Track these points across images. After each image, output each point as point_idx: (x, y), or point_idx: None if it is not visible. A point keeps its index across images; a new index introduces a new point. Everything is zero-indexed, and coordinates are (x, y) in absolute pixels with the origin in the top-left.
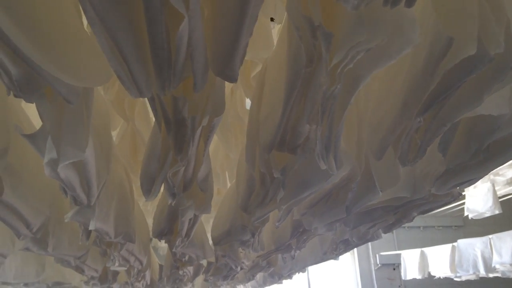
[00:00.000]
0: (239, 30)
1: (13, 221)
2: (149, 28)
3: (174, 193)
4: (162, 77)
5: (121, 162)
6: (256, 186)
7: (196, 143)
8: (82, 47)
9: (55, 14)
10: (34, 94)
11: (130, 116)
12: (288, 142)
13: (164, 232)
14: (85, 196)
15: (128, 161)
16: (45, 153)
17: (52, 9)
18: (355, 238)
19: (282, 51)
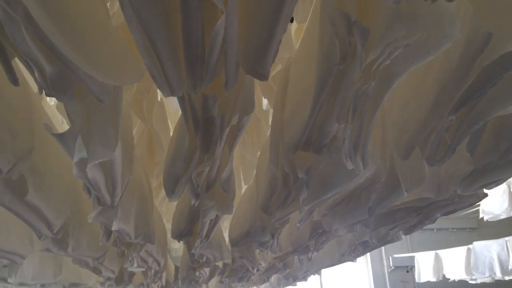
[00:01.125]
0: (274, 27)
1: (35, 222)
2: (185, 24)
3: (198, 194)
4: (194, 75)
5: (140, 162)
6: (278, 186)
7: (223, 142)
8: (114, 47)
9: (88, 14)
10: (66, 93)
11: (147, 117)
12: (314, 141)
13: (183, 233)
14: (109, 197)
15: (145, 162)
16: (73, 152)
17: (86, 9)
18: (374, 240)
19: (307, 50)
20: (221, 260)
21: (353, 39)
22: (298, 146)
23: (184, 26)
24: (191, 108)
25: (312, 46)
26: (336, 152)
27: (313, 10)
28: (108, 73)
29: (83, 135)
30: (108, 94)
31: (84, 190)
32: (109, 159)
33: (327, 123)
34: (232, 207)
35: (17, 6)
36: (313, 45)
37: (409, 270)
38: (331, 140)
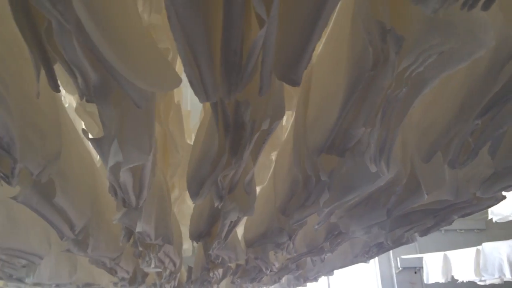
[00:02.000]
0: (311, 35)
1: (59, 223)
2: (226, 33)
3: (222, 196)
4: (230, 82)
5: (158, 165)
6: (298, 189)
7: (251, 146)
8: (152, 56)
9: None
10: (106, 99)
11: (164, 119)
12: (338, 145)
13: (202, 234)
14: (135, 198)
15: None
16: (108, 157)
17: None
18: (389, 241)
19: (331, 55)
20: (236, 261)
21: (386, 47)
22: (322, 150)
23: (225, 35)
24: (223, 113)
25: (336, 51)
26: (360, 156)
27: (337, 16)
28: (148, 80)
29: (119, 140)
30: (146, 100)
31: (110, 192)
32: (143, 162)
33: (353, 127)
34: (254, 209)
35: (70, 17)
36: (337, 50)
37: (417, 271)
38: (355, 144)
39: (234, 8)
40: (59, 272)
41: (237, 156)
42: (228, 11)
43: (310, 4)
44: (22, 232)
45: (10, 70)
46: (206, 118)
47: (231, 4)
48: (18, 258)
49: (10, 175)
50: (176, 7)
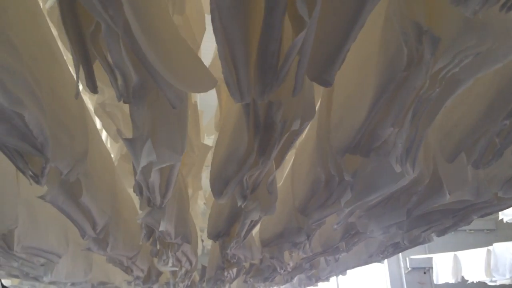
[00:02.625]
0: (347, 36)
1: (82, 222)
2: (265, 35)
3: (246, 195)
4: (265, 83)
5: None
6: (320, 188)
7: (279, 146)
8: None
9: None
10: (142, 100)
11: None
12: (364, 145)
13: (221, 233)
14: (160, 198)
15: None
16: (140, 156)
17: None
18: (406, 241)
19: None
20: (252, 260)
21: (421, 47)
22: (348, 150)
23: (264, 37)
24: (254, 113)
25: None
26: (385, 156)
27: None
28: (187, 81)
29: (153, 140)
30: (181, 100)
31: (135, 191)
32: (175, 162)
33: (381, 127)
34: (275, 208)
35: (119, 21)
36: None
37: (426, 271)
38: (380, 144)
39: (276, 11)
40: (75, 271)
41: (264, 156)
42: (269, 14)
43: (349, 5)
44: (42, 231)
45: (42, 71)
46: (229, 119)
47: (273, 7)
48: (37, 257)
49: (40, 174)
50: (220, 10)
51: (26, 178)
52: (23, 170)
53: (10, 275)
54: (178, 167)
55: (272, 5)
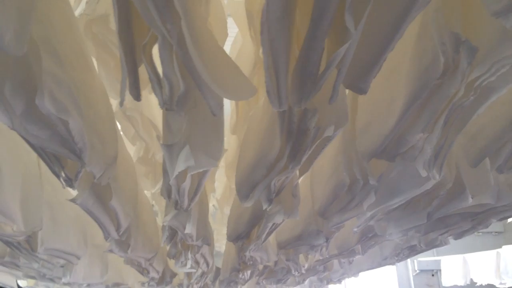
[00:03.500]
0: (387, 46)
1: (108, 224)
2: (309, 45)
3: (271, 199)
4: (303, 91)
5: None
6: (342, 191)
7: (310, 152)
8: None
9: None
10: (185, 108)
11: None
12: (390, 150)
13: (241, 236)
14: (188, 201)
15: None
16: (175, 161)
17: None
18: (423, 244)
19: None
20: (267, 262)
21: (458, 57)
22: (374, 155)
23: (307, 48)
24: (289, 120)
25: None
26: (411, 160)
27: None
28: (230, 90)
29: (191, 146)
30: (221, 108)
31: (163, 194)
32: (212, 167)
33: (410, 133)
34: (298, 212)
35: (174, 34)
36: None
37: (434, 273)
38: (407, 149)
39: (323, 22)
40: (92, 272)
41: (295, 161)
42: (315, 25)
43: (392, 15)
44: (63, 233)
45: (79, 78)
46: (255, 124)
47: (320, 19)
48: (57, 258)
49: (74, 178)
50: (270, 23)
51: (59, 181)
52: (57, 174)
53: (27, 276)
54: (210, 172)
55: (319, 17)
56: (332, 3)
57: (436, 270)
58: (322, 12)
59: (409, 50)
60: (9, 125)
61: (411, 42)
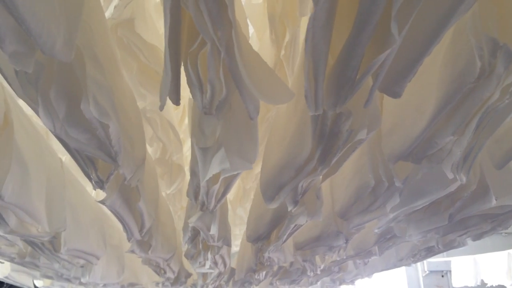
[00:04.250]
0: (425, 51)
1: (133, 225)
2: (350, 50)
3: (297, 201)
4: (339, 95)
5: None
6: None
7: (340, 154)
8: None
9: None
10: (222, 112)
11: None
12: (417, 152)
13: (261, 237)
14: (215, 203)
15: None
16: (208, 164)
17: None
18: (440, 245)
19: None
20: (284, 262)
21: (494, 61)
22: (402, 157)
23: (348, 53)
24: (322, 123)
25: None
26: (437, 163)
27: None
28: (268, 95)
29: (226, 148)
30: (258, 111)
31: (189, 196)
32: (247, 170)
33: (440, 135)
34: (321, 213)
35: (223, 42)
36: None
37: (444, 274)
38: (435, 151)
39: (367, 29)
40: (109, 272)
41: (324, 164)
42: (358, 31)
43: (433, 21)
44: (84, 233)
45: (114, 82)
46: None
47: (364, 25)
48: (78, 259)
49: (105, 180)
50: (315, 29)
51: (80, 183)
52: (89, 176)
53: (44, 276)
54: (240, 174)
55: (363, 23)
56: (378, 10)
57: (446, 271)
58: (367, 18)
59: (440, 53)
60: (51, 128)
61: (443, 45)
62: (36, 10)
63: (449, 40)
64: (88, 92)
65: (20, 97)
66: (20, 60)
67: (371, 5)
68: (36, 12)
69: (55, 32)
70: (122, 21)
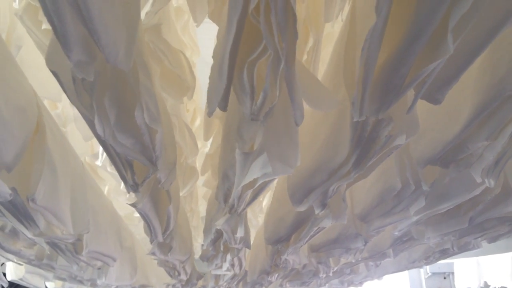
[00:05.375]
0: (471, 60)
1: (158, 227)
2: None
3: (325, 204)
4: (383, 101)
5: None
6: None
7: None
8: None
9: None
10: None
11: None
12: (447, 157)
13: (281, 239)
14: (245, 205)
15: None
16: (247, 168)
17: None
18: (455, 248)
19: None
20: (299, 264)
21: None
22: (431, 162)
23: (397, 61)
24: (362, 129)
25: None
26: (466, 167)
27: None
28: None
29: (269, 153)
30: (303, 118)
31: (218, 199)
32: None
33: (472, 140)
34: (346, 216)
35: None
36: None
37: (446, 276)
38: (464, 156)
39: (421, 39)
40: (123, 274)
41: (358, 168)
42: (412, 41)
43: (483, 31)
44: (103, 235)
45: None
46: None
47: (418, 36)
48: (96, 260)
49: (140, 183)
50: (372, 39)
51: (99, 186)
52: (125, 179)
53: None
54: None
55: (418, 33)
56: (435, 21)
57: (448, 273)
58: (423, 28)
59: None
60: (101, 134)
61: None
62: (106, 21)
63: (489, 46)
64: (142, 99)
65: (73, 103)
66: (83, 68)
67: (428, 16)
68: (106, 23)
69: (119, 42)
70: (151, 26)
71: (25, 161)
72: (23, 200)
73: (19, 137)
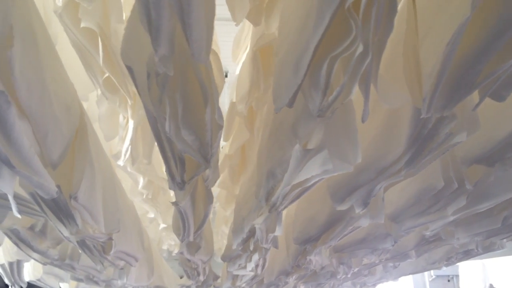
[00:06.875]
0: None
1: (192, 226)
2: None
3: (368, 203)
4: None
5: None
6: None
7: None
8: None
9: None
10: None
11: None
12: (494, 155)
13: (311, 239)
14: (287, 204)
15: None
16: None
17: None
18: (480, 248)
19: None
20: (321, 265)
21: None
22: (478, 160)
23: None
24: (423, 126)
25: None
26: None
27: None
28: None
29: (330, 151)
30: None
31: (260, 197)
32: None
33: None
34: (383, 215)
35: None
36: None
37: (450, 279)
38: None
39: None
40: (142, 275)
41: (411, 166)
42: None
43: None
44: (128, 235)
45: None
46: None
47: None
48: (120, 260)
49: (187, 181)
50: (456, 37)
51: (123, 186)
52: (174, 176)
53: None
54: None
55: (501, 31)
56: None
57: (452, 275)
58: (507, 26)
59: None
60: (168, 129)
61: None
62: (199, 17)
63: None
64: (213, 97)
65: (143, 98)
66: (166, 63)
67: None
68: (198, 19)
69: (205, 38)
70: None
71: (67, 159)
72: (65, 198)
73: (66, 135)
